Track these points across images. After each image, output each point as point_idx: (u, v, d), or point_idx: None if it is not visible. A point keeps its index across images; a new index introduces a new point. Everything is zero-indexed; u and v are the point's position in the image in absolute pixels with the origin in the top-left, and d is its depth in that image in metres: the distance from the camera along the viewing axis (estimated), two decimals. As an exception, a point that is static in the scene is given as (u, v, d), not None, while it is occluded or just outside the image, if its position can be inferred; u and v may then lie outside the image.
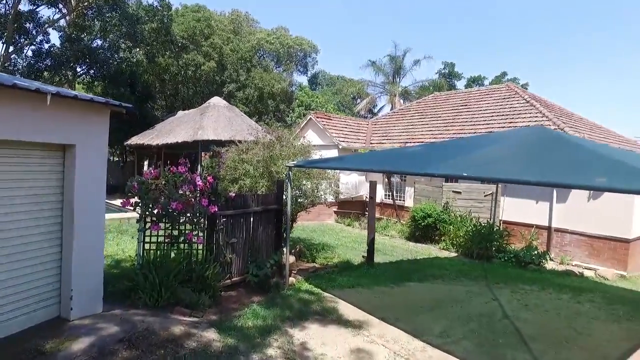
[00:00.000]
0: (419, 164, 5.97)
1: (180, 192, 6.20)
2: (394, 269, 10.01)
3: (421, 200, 14.58)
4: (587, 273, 10.68)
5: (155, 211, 6.00)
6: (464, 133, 15.48)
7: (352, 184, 18.86)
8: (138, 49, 19.27)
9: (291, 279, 8.09)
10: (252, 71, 28.85)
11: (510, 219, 13.16)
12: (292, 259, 9.48)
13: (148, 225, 6.22)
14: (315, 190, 10.09)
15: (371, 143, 19.70)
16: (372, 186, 10.35)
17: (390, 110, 31.90)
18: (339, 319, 6.33)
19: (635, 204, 10.99)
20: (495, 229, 12.02)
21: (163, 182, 6.22)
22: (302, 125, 22.23)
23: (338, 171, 19.58)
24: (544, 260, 11.10)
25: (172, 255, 6.38)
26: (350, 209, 19.38)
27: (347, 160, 7.91)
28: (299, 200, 9.63)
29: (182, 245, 6.58)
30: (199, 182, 6.41)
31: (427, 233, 13.78)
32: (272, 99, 29.49)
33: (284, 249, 8.10)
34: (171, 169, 6.44)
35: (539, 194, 12.56)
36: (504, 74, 40.59)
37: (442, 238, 13.36)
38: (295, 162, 7.67)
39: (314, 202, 10.35)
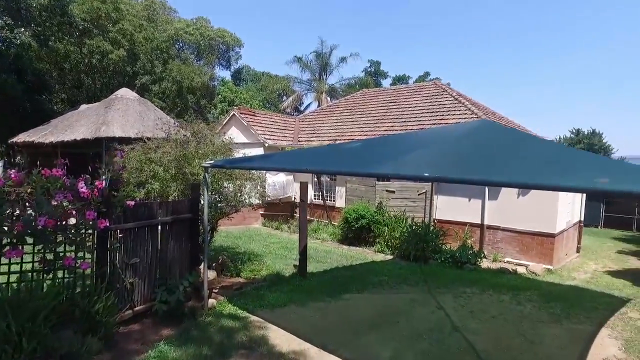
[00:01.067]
0: (361, 163, 5.09)
1: (55, 202, 4.67)
2: (330, 278, 9.12)
3: (353, 201, 13.95)
4: (519, 269, 10.69)
5: (15, 230, 4.42)
6: (395, 130, 15.14)
7: (280, 184, 17.79)
8: (23, 29, 16.26)
9: (211, 301, 6.82)
10: (169, 63, 26.40)
11: (444, 217, 12.98)
12: (212, 275, 8.17)
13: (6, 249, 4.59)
14: (239, 194, 8.85)
15: (299, 141, 18.79)
16: (303, 188, 9.38)
17: (318, 107, 31.29)
18: (270, 353, 5.24)
19: (560, 199, 11.24)
20: (431, 229, 11.68)
21: (29, 190, 4.65)
22: (224, 122, 20.64)
23: (264, 171, 18.44)
24: (479, 260, 10.94)
25: (46, 287, 4.83)
26: (279, 211, 18.29)
27: (275, 160, 6.81)
28: (220, 205, 8.33)
29: (61, 273, 5.05)
30: (83, 189, 4.92)
31: (360, 235, 13.15)
32: (192, 93, 27.32)
33: (202, 266, 6.80)
34: (43, 171, 4.87)
35: (471, 192, 12.49)
36: (427, 73, 42.10)
37: (377, 240, 12.81)
38: (213, 162, 6.42)
39: (237, 207, 9.11)
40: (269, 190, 17.44)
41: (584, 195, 14.47)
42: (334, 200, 17.26)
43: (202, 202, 6.90)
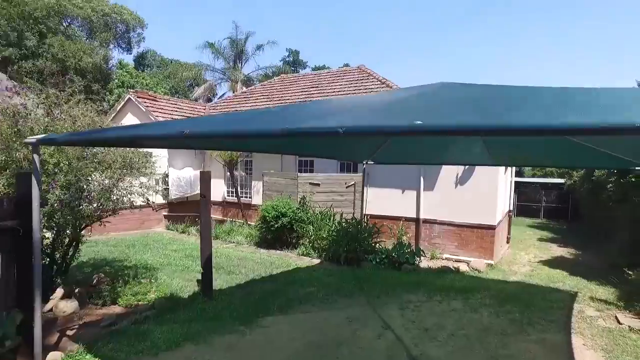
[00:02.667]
0: (277, 121, 3.14)
1: None
2: (244, 296, 7.07)
3: (272, 196, 11.98)
4: (461, 267, 9.57)
5: None
6: (319, 115, 13.40)
7: (186, 179, 15.20)
8: None
9: (55, 356, 4.41)
10: (48, 37, 21.96)
11: (377, 212, 11.56)
12: (71, 307, 5.70)
13: None
14: (115, 189, 6.42)
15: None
16: (205, 180, 7.14)
17: (232, 95, 28.65)
18: None
19: (499, 187, 10.35)
20: (363, 226, 10.12)
21: None
22: (118, 108, 17.35)
23: (167, 165, 15.68)
24: (418, 259, 9.62)
25: None
26: (186, 211, 15.64)
27: (146, 128, 4.44)
28: (80, 208, 5.86)
29: None
30: None
31: (281, 236, 11.23)
32: (81, 75, 23.13)
33: (36, 300, 4.36)
34: None
35: (406, 183, 11.20)
36: (347, 65, 41.34)
37: (301, 241, 10.98)
38: (44, 136, 4.01)
39: (115, 209, 6.69)
40: (173, 186, 14.78)
41: (513, 182, 14.10)
42: (251, 197, 15.14)
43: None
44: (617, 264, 10.07)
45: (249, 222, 14.07)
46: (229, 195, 15.91)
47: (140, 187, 6.91)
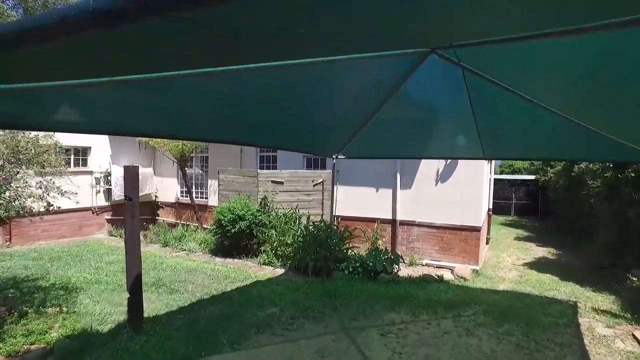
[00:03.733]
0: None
1: None
2: (187, 324, 5.59)
3: (229, 197, 10.48)
4: (445, 275, 8.43)
5: None
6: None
7: (133, 179, 13.34)
8: None
9: None
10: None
11: (348, 213, 10.29)
12: None
13: None
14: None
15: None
16: (131, 177, 5.46)
17: None
18: None
19: (484, 184, 9.33)
20: (333, 230, 8.82)
21: None
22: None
23: (109, 161, 13.79)
24: (396, 266, 8.41)
25: None
26: (132, 215, 13.82)
27: None
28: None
29: None
30: None
31: (240, 243, 9.75)
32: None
33: None
34: None
35: (380, 180, 9.99)
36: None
37: (263, 248, 9.54)
38: None
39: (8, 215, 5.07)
40: (116, 186, 12.94)
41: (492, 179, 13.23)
42: (207, 198, 13.53)
43: None
44: (600, 265, 9.33)
45: (204, 226, 12.48)
46: (182, 196, 14.22)
47: (41, 188, 5.23)
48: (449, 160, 9.30)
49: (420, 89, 3.55)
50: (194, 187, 14.17)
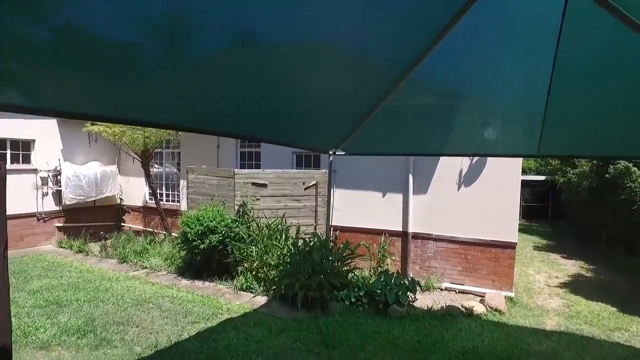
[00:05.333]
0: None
1: None
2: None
3: (199, 202, 8.53)
4: (475, 307, 6.56)
5: None
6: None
7: (90, 178, 11.33)
8: None
9: None
10: None
11: (348, 223, 8.43)
12: None
13: None
14: None
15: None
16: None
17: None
18: None
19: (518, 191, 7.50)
20: (330, 246, 6.90)
21: None
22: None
23: (60, 157, 11.66)
24: (411, 295, 6.53)
25: None
26: (90, 220, 11.80)
27: None
28: None
29: None
30: None
31: (211, 261, 7.80)
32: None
33: None
34: None
35: (387, 183, 8.12)
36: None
37: (241, 268, 7.59)
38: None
39: None
40: (68, 187, 10.86)
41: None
42: (179, 201, 11.55)
43: None
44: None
45: (174, 234, 10.49)
46: (150, 199, 12.19)
47: None
48: (475, 159, 7.46)
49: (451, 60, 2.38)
50: (164, 188, 12.18)
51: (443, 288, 7.62)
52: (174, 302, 6.52)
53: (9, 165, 10.31)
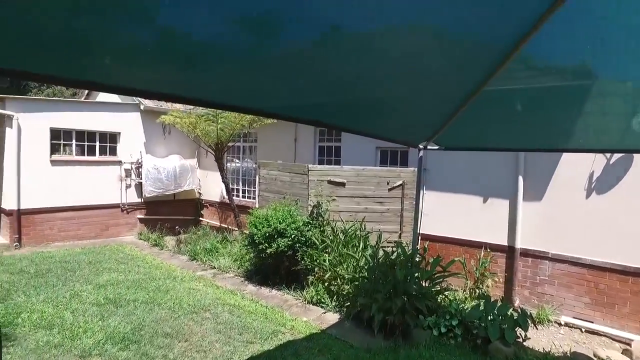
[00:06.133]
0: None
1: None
2: None
3: (270, 200, 7.85)
4: (615, 358, 4.93)
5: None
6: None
7: (169, 171, 11.34)
8: None
9: None
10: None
11: (439, 232, 7.17)
12: None
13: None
14: None
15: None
16: None
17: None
18: None
19: None
20: (417, 260, 5.72)
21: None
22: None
23: (143, 150, 11.82)
24: (522, 333, 5.11)
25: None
26: (168, 213, 11.86)
27: None
28: None
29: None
30: None
31: (279, 266, 7.05)
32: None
33: None
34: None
35: (490, 185, 6.70)
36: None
37: (311, 277, 6.72)
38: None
39: None
40: (147, 180, 10.96)
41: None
42: (254, 198, 11.08)
43: None
44: None
45: (245, 233, 10.01)
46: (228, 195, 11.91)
47: None
48: (614, 158, 5.76)
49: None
50: (240, 184, 11.85)
51: (562, 323, 6.01)
52: (233, 312, 5.83)
53: (97, 157, 10.63)
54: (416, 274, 5.53)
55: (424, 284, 5.58)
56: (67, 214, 10.11)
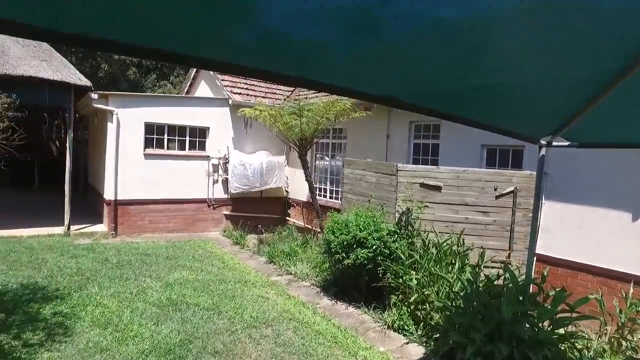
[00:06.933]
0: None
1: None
2: None
3: (353, 203, 6.94)
4: None
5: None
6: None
7: (255, 168, 11.05)
8: None
9: None
10: None
11: (561, 254, 5.61)
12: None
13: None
14: None
15: (297, 97, 11.69)
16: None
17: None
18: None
19: None
20: (530, 293, 4.36)
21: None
22: (192, 75, 14.29)
23: (228, 147, 11.66)
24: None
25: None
26: (253, 211, 11.62)
27: None
28: None
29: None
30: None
31: (359, 280, 6.12)
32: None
33: None
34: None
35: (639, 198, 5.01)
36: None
37: (394, 297, 5.67)
38: None
39: None
40: (233, 176, 10.80)
41: None
42: (340, 198, 10.27)
43: None
44: None
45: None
46: (317, 193, 11.28)
47: None
48: None
49: None
50: (327, 183, 11.16)
51: None
52: (298, 331, 5.05)
53: (187, 151, 10.76)
54: (531, 312, 4.19)
55: (541, 327, 4.21)
56: (157, 206, 10.35)
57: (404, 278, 5.51)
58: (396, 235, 5.93)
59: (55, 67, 9.34)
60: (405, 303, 5.53)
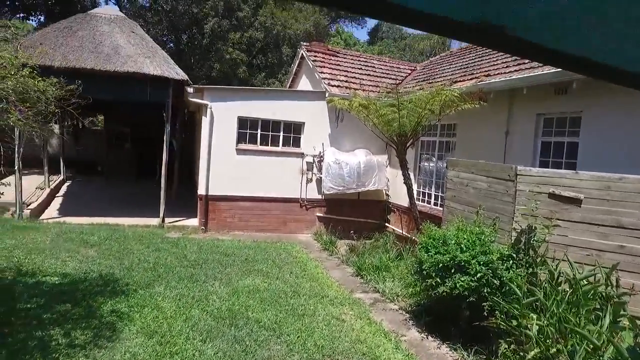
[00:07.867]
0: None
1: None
2: None
3: (458, 215, 5.54)
4: None
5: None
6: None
7: (352, 167, 10.09)
8: None
9: None
10: (262, 8, 20.79)
11: None
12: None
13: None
14: None
15: (400, 89, 10.42)
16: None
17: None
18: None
19: None
20: None
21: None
22: (294, 69, 13.91)
23: (323, 143, 10.76)
24: None
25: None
26: (350, 214, 10.67)
27: None
28: None
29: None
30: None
31: (458, 312, 4.77)
32: (289, 45, 21.20)
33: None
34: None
35: None
36: None
37: (504, 346, 4.23)
38: None
39: None
40: (327, 175, 9.94)
41: None
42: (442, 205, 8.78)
43: None
44: None
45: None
46: (418, 198, 9.94)
47: None
48: None
49: None
50: (433, 187, 9.74)
51: None
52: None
53: (280, 148, 10.26)
54: None
55: None
56: (247, 203, 10.02)
57: (520, 321, 4.04)
58: (511, 262, 4.47)
59: (157, 63, 9.53)
60: (520, 355, 4.06)
